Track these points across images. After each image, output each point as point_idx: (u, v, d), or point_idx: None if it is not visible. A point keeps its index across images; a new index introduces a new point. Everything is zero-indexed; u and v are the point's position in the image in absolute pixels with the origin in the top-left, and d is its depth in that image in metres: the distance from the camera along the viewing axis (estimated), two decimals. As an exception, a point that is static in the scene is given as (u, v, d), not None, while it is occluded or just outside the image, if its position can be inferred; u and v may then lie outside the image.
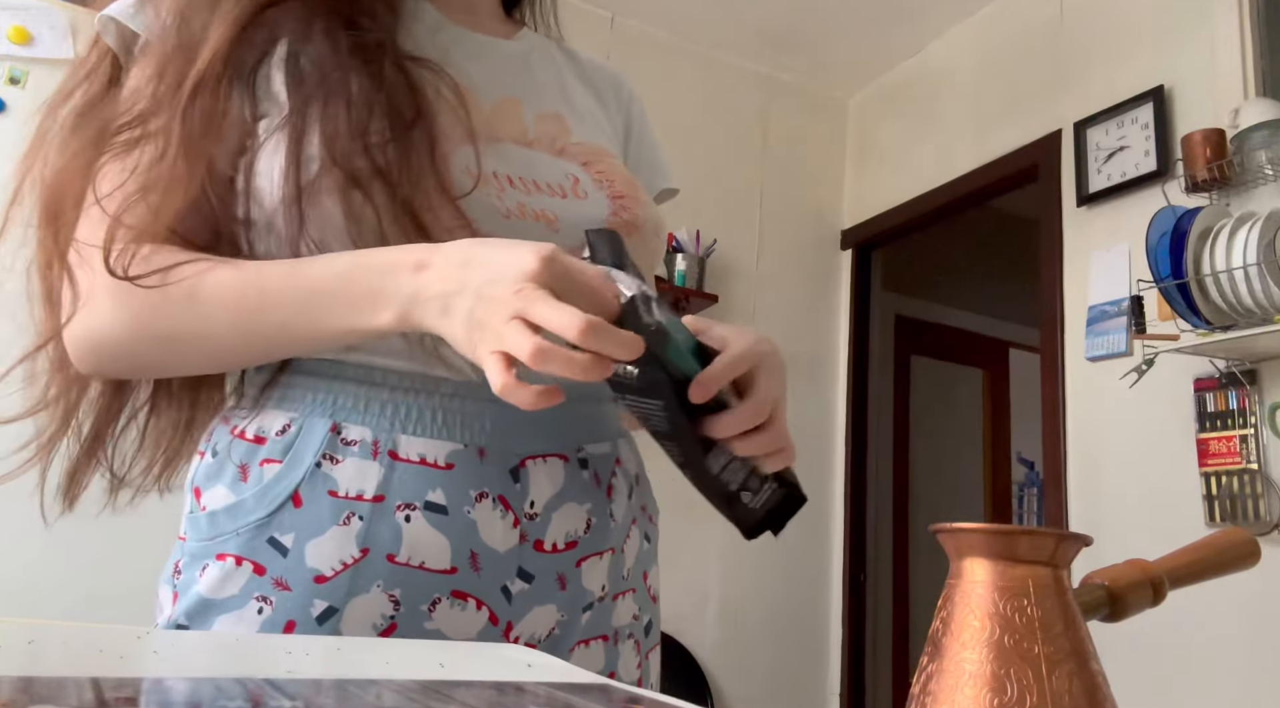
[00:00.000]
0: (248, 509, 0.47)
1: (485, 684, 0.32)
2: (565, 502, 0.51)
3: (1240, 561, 0.41)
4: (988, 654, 0.31)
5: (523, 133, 0.55)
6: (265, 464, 0.48)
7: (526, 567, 0.49)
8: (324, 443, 0.47)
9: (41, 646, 0.31)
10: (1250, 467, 1.56)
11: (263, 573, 0.46)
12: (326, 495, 0.46)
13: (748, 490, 0.48)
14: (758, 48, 2.67)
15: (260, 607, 0.45)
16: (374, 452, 0.47)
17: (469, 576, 0.47)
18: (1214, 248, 1.53)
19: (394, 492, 0.47)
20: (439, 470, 0.48)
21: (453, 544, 0.47)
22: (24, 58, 1.49)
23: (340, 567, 0.46)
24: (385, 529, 0.46)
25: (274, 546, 0.46)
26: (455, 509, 0.47)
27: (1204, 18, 1.81)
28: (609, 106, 0.67)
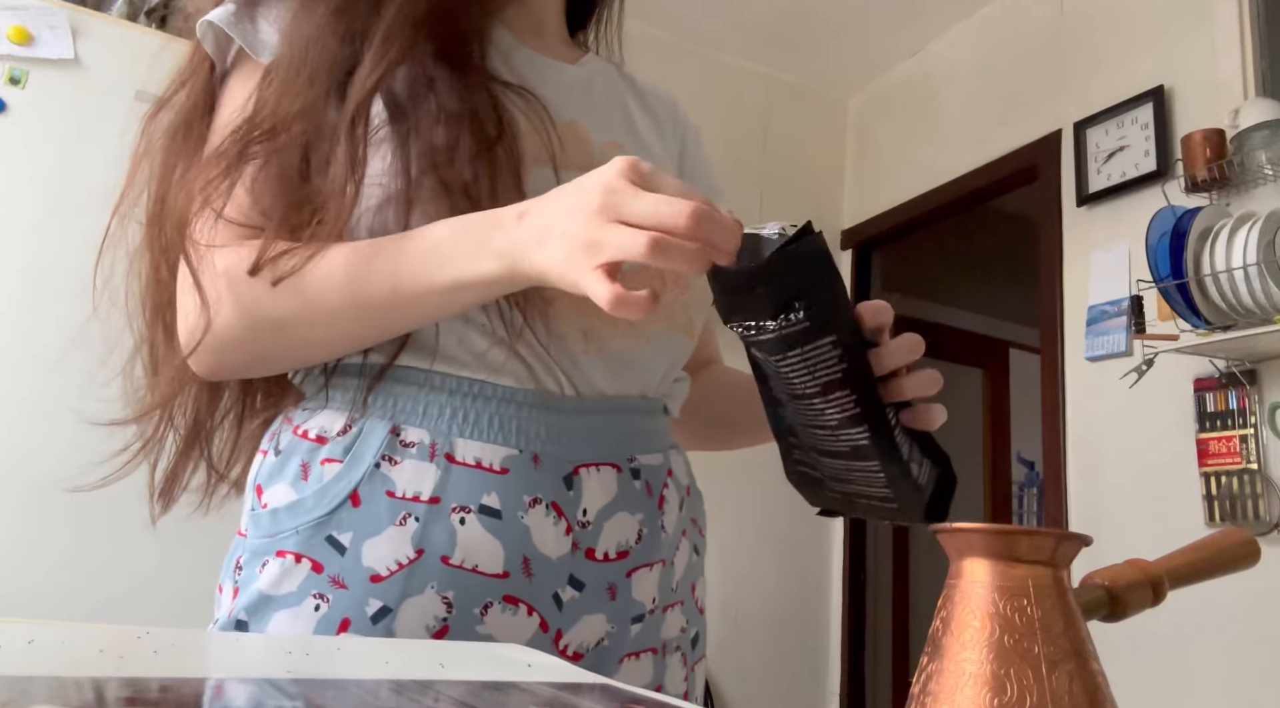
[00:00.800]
0: (308, 507, 0.47)
1: (486, 684, 0.32)
2: (617, 511, 0.51)
3: (1240, 561, 0.41)
4: (988, 654, 0.31)
5: (589, 159, 0.56)
6: (326, 463, 0.48)
7: (578, 575, 0.50)
8: (383, 444, 0.48)
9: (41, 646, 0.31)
10: (1250, 467, 1.56)
11: (321, 571, 0.46)
12: (384, 496, 0.47)
13: (914, 462, 0.44)
14: (758, 48, 2.67)
15: (317, 604, 0.46)
16: (431, 454, 0.48)
17: (521, 581, 0.48)
18: (1214, 248, 1.53)
19: (450, 494, 0.47)
20: (494, 475, 0.48)
21: (506, 549, 0.47)
22: (24, 58, 1.49)
23: (396, 567, 0.46)
24: (440, 531, 0.47)
25: (332, 544, 0.46)
26: (509, 514, 0.48)
27: (1204, 18, 1.81)
28: (665, 133, 0.68)
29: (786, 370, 0.41)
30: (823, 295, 0.39)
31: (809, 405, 0.42)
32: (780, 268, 0.38)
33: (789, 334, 0.39)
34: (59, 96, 1.51)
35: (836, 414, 0.42)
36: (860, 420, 0.41)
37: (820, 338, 0.39)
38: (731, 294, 0.40)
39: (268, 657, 0.34)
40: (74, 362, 1.45)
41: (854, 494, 0.45)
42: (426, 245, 0.45)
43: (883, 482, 0.43)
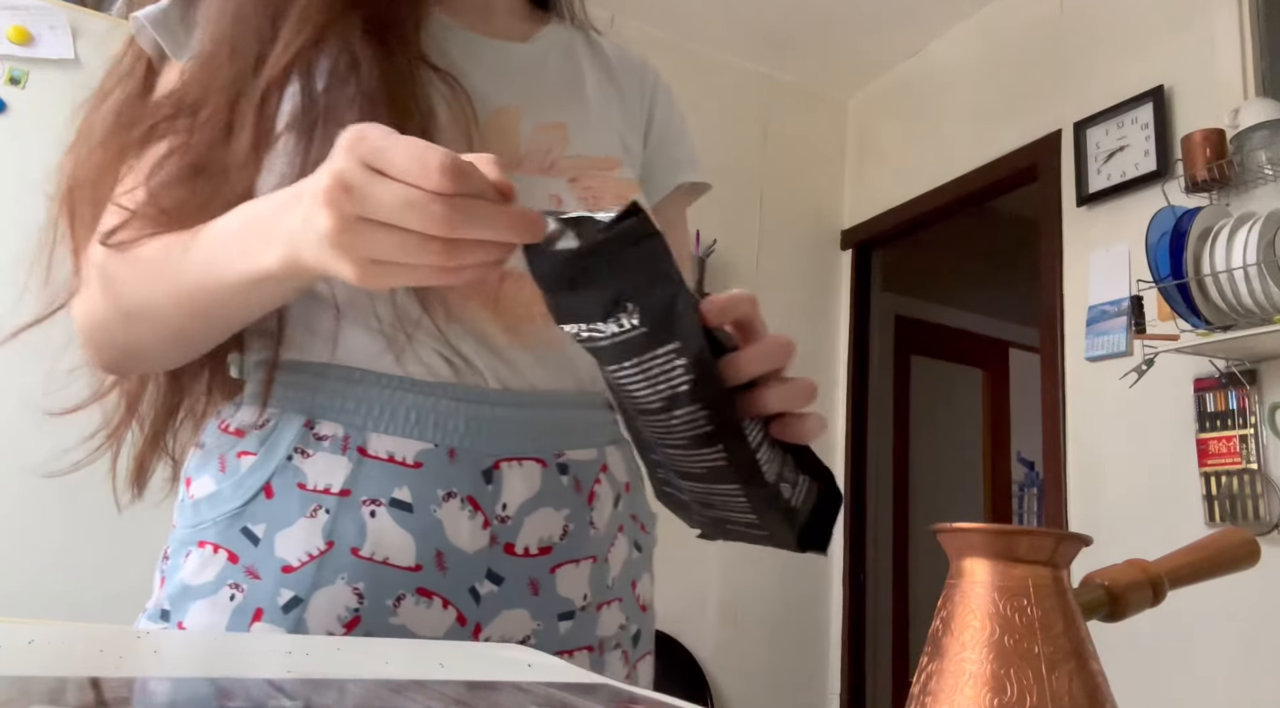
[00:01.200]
0: (225, 498, 0.48)
1: (485, 684, 0.32)
2: (540, 506, 0.51)
3: (1240, 561, 0.41)
4: (988, 654, 0.31)
5: (514, 151, 0.55)
6: (242, 456, 0.49)
7: (496, 569, 0.49)
8: (296, 437, 0.48)
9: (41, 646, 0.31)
10: (1250, 467, 1.56)
11: (236, 561, 0.47)
12: (296, 488, 0.47)
13: (785, 482, 0.38)
14: (758, 48, 2.67)
15: (232, 594, 0.46)
16: (344, 447, 0.48)
17: (434, 574, 0.48)
18: (1214, 248, 1.53)
19: (360, 487, 0.47)
20: (407, 468, 0.48)
21: (418, 542, 0.47)
22: (24, 58, 1.49)
23: (306, 558, 0.46)
24: (350, 523, 0.47)
25: (247, 535, 0.47)
26: (421, 507, 0.48)
27: (1204, 18, 1.81)
28: (630, 98, 0.65)
29: (625, 382, 0.35)
30: (657, 293, 0.33)
31: (656, 422, 0.36)
32: (602, 258, 0.32)
33: (624, 341, 0.34)
34: (59, 96, 1.51)
35: (686, 432, 0.35)
36: (713, 439, 0.35)
37: (659, 345, 0.33)
38: (553, 289, 0.34)
39: (268, 657, 0.34)
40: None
41: (720, 519, 0.40)
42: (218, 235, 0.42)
43: (746, 506, 0.37)
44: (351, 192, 0.33)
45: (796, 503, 0.38)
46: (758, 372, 0.37)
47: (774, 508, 0.37)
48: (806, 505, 0.39)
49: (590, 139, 0.58)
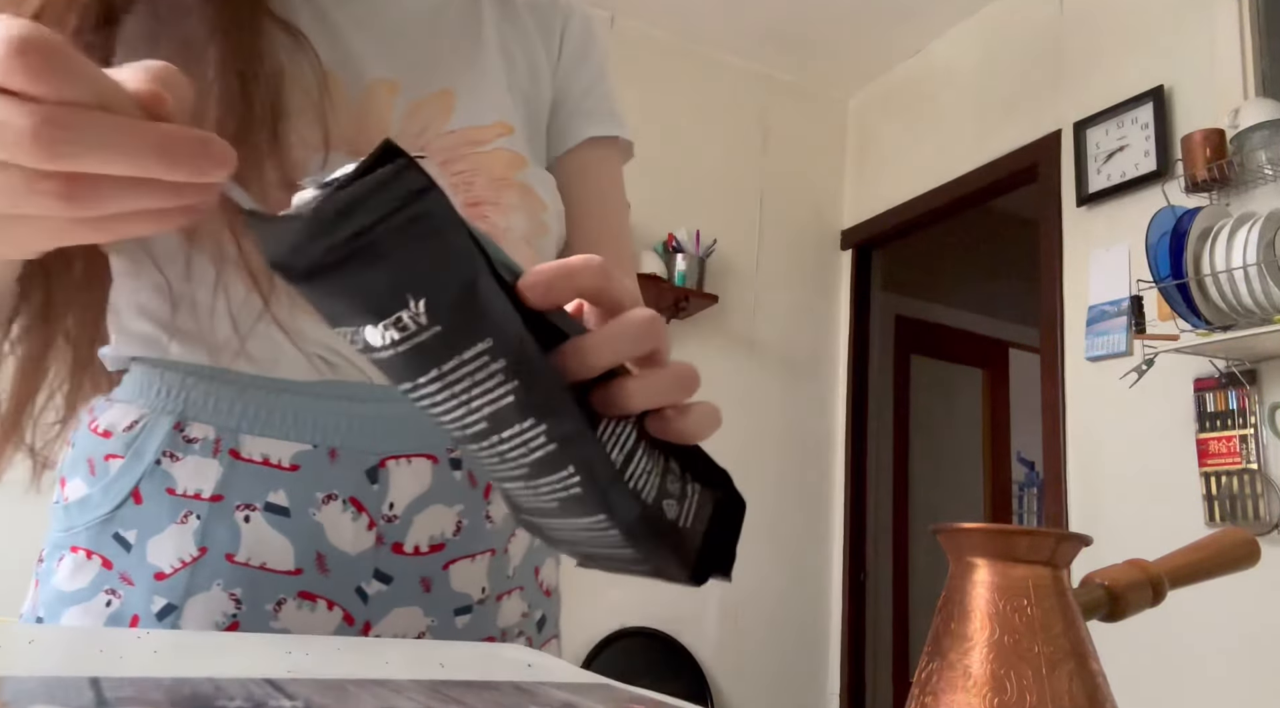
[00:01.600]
0: (95, 503, 0.47)
1: (485, 684, 0.32)
2: (431, 504, 0.49)
3: (1240, 561, 0.41)
4: (988, 654, 0.31)
5: (382, 131, 0.49)
6: (110, 459, 0.47)
7: (384, 569, 0.48)
8: (165, 440, 0.46)
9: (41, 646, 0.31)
10: (1250, 467, 1.57)
11: (110, 567, 0.46)
12: (165, 493, 0.46)
13: (669, 498, 0.29)
14: (758, 48, 2.67)
15: (109, 599, 0.45)
16: (215, 450, 0.46)
17: (316, 577, 0.46)
18: (1214, 248, 1.53)
19: (233, 492, 0.46)
20: (282, 471, 0.46)
21: (296, 546, 0.46)
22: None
23: (179, 565, 0.45)
24: (223, 529, 0.45)
25: (118, 541, 0.46)
26: (299, 511, 0.46)
27: (1204, 18, 1.81)
28: (535, 41, 0.58)
29: (428, 403, 0.25)
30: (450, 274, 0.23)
31: (481, 450, 0.26)
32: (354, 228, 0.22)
33: (413, 348, 0.24)
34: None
35: (523, 458, 0.26)
36: (560, 462, 0.26)
37: (464, 347, 0.24)
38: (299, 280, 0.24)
39: (268, 657, 0.34)
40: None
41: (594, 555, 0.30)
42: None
43: (618, 540, 0.28)
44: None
45: (686, 522, 0.30)
46: (611, 360, 0.26)
47: (656, 535, 0.28)
48: (699, 523, 0.30)
49: (480, 104, 0.53)
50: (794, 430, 2.60)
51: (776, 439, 2.57)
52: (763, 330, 2.61)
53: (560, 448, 0.26)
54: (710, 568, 0.31)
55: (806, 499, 2.59)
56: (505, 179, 0.52)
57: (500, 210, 0.51)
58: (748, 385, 2.55)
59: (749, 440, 2.50)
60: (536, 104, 0.58)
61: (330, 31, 0.49)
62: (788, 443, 2.59)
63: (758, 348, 2.60)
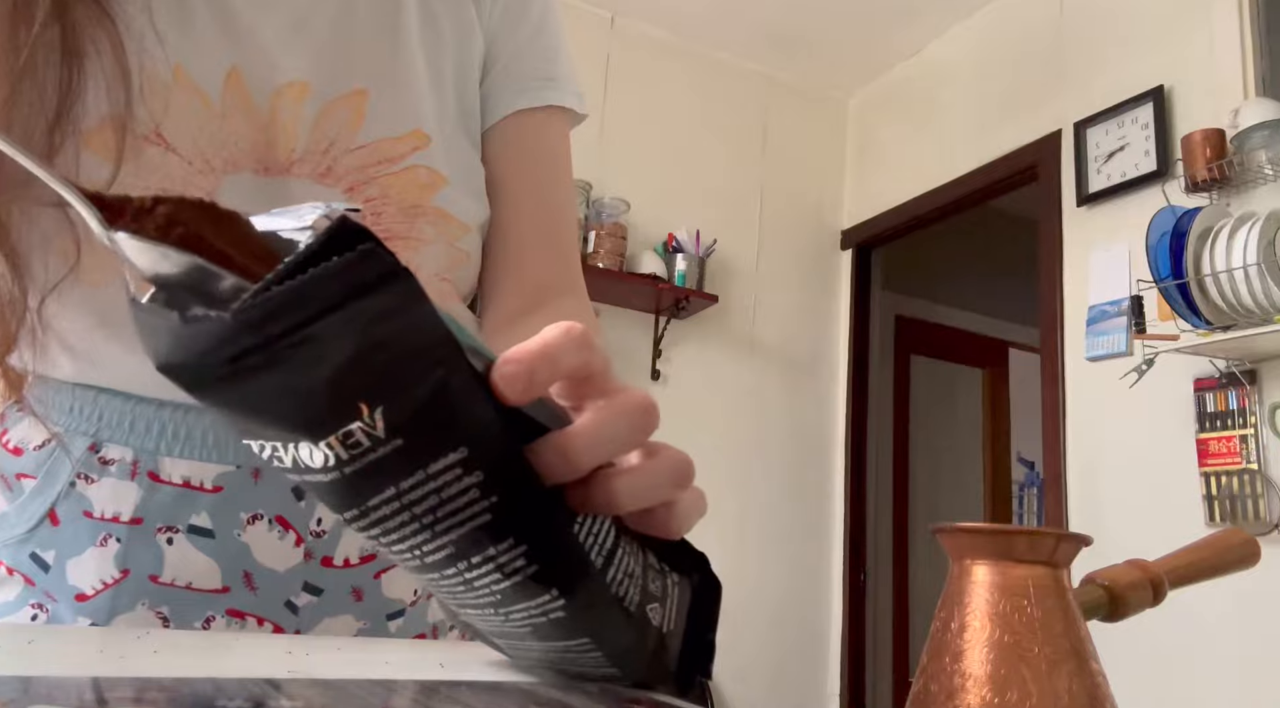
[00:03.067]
0: (11, 522, 0.45)
1: (486, 685, 0.32)
2: None
3: (1240, 561, 0.41)
4: (988, 654, 0.31)
5: (287, 151, 0.44)
6: (22, 478, 0.45)
7: (314, 582, 0.47)
8: (79, 462, 0.44)
9: (41, 646, 0.31)
10: (1250, 467, 1.57)
11: (33, 584, 0.44)
12: (83, 516, 0.44)
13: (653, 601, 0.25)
14: (758, 48, 2.67)
15: (35, 613, 0.44)
16: (133, 473, 0.44)
17: (244, 594, 0.45)
18: (1214, 248, 1.53)
19: (153, 515, 0.44)
20: (205, 493, 0.45)
21: (223, 567, 0.45)
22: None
23: (101, 586, 0.44)
24: (145, 552, 0.44)
25: (36, 561, 0.44)
26: (224, 533, 0.45)
27: (1204, 17, 1.81)
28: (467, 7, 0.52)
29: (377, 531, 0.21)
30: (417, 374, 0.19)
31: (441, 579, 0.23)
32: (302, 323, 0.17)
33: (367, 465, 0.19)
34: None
35: (496, 585, 0.22)
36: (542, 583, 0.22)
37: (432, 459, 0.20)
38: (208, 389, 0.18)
39: (268, 657, 0.34)
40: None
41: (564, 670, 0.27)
42: None
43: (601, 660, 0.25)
44: None
45: (670, 626, 0.26)
46: (603, 459, 0.23)
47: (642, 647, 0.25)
48: (680, 620, 0.27)
49: (396, 106, 0.47)
50: (794, 431, 2.60)
51: (777, 440, 2.57)
52: (763, 331, 2.61)
53: (544, 568, 0.22)
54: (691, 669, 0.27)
55: (806, 499, 2.59)
56: (419, 206, 0.47)
57: (412, 245, 0.47)
58: (748, 386, 2.55)
59: (749, 441, 2.50)
60: (465, 73, 0.51)
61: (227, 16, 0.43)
62: (788, 443, 2.59)
63: (758, 348, 2.60)
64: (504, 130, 0.54)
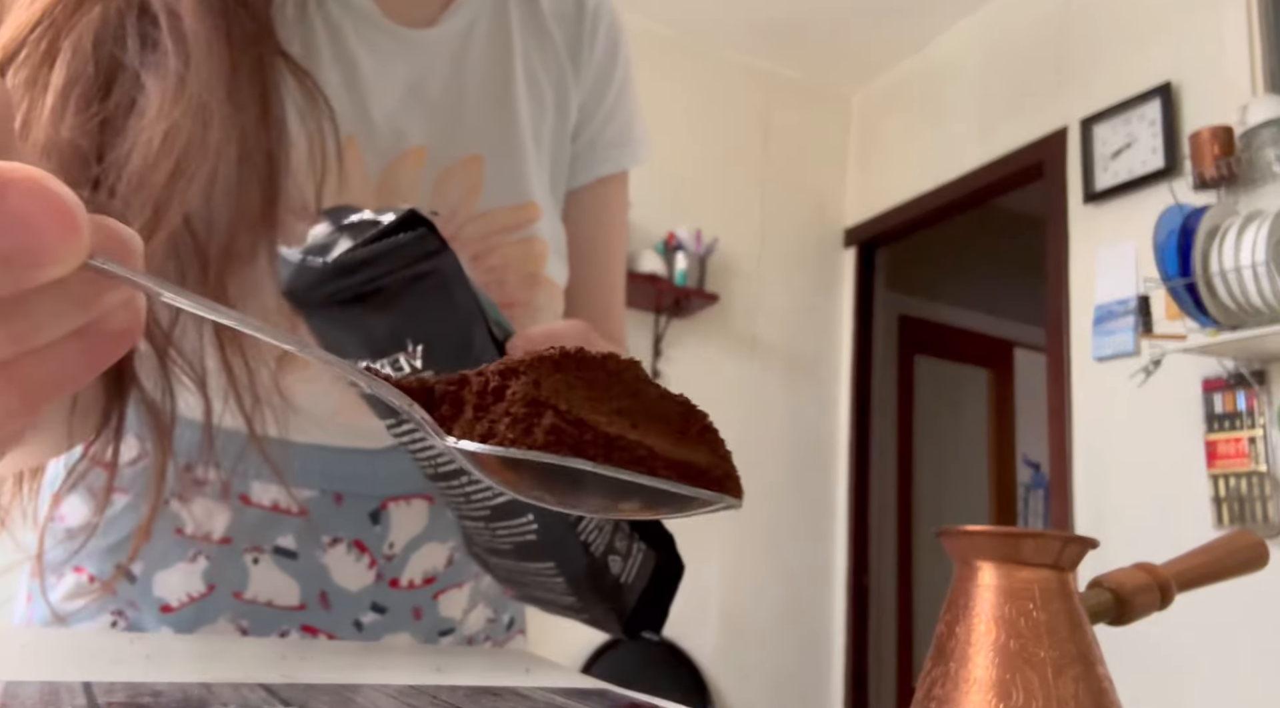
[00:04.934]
0: (101, 532, 0.46)
1: (483, 689, 0.32)
2: (427, 541, 0.51)
3: (1249, 564, 0.40)
4: (993, 659, 0.31)
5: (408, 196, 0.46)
6: (116, 493, 0.46)
7: (380, 602, 0.50)
8: (174, 481, 0.45)
9: (34, 650, 0.31)
10: (1259, 469, 1.55)
11: (114, 593, 0.46)
12: (174, 532, 0.46)
13: (615, 554, 0.32)
14: (760, 44, 2.66)
15: (115, 620, 0.46)
16: (224, 493, 0.46)
17: (319, 612, 0.48)
18: (1222, 246, 1.52)
19: (242, 536, 0.46)
20: (291, 517, 0.47)
21: (302, 586, 0.47)
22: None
23: (186, 600, 0.46)
24: (232, 569, 0.46)
25: (123, 571, 0.46)
26: (306, 554, 0.47)
27: (1212, 14, 1.80)
28: (565, 72, 0.54)
29: (407, 440, 0.28)
30: (447, 326, 0.26)
31: (450, 487, 0.30)
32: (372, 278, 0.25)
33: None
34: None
35: (486, 501, 0.29)
36: (522, 509, 0.29)
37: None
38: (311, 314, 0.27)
39: (263, 661, 0.34)
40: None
41: (538, 598, 0.35)
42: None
43: (563, 587, 0.32)
44: None
45: (627, 579, 0.32)
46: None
47: (598, 587, 0.30)
48: (640, 580, 0.32)
49: (509, 173, 0.49)
50: (796, 431, 2.59)
51: (778, 440, 2.56)
52: (764, 330, 2.60)
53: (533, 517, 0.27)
54: (643, 623, 0.33)
55: (809, 501, 2.59)
56: (535, 275, 0.50)
57: (529, 312, 0.50)
58: (749, 386, 2.54)
59: (750, 442, 2.50)
60: (560, 141, 0.55)
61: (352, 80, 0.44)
62: (790, 444, 2.58)
63: (759, 348, 2.59)
64: (582, 197, 0.57)
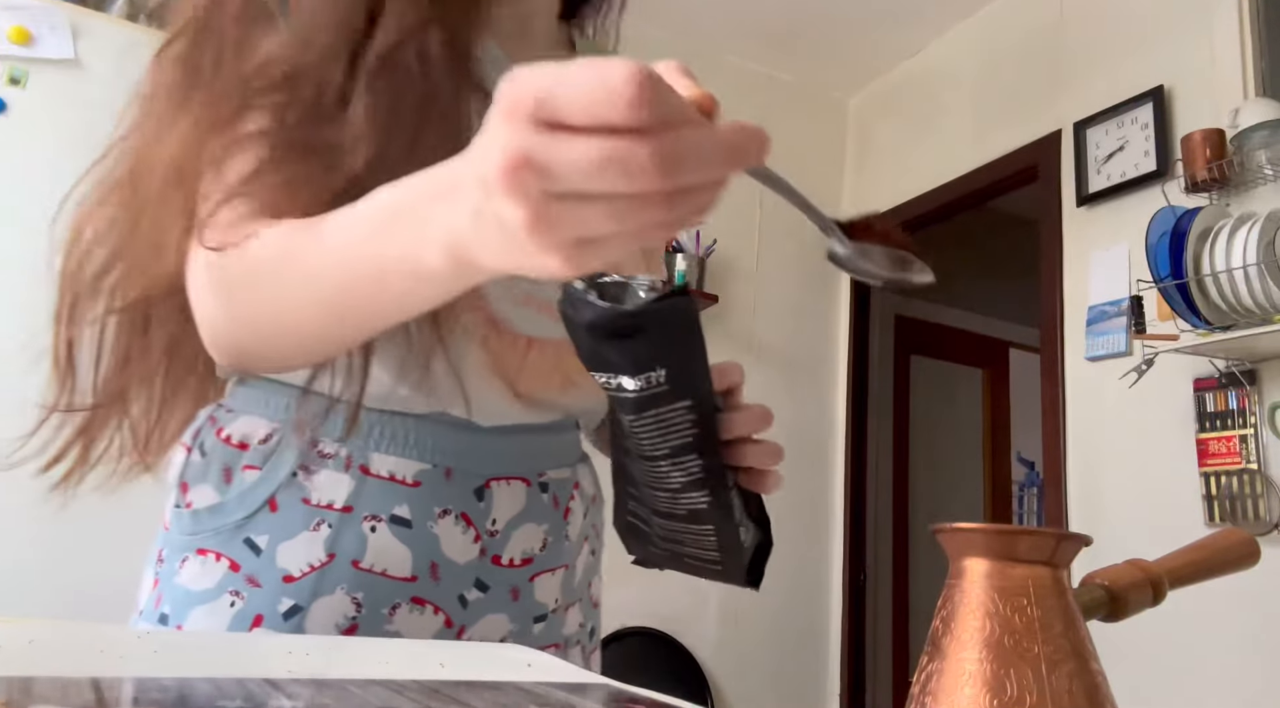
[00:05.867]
0: (229, 510, 0.49)
1: (485, 684, 0.32)
2: (525, 522, 0.54)
3: (1240, 561, 0.41)
4: (988, 654, 0.31)
5: None
6: (247, 470, 0.50)
7: (483, 578, 0.52)
8: (301, 454, 0.49)
9: (41, 646, 0.31)
10: (1250, 467, 1.56)
11: (237, 570, 0.48)
12: (300, 503, 0.49)
13: (743, 526, 0.44)
14: (757, 47, 2.67)
15: (233, 600, 0.48)
16: (346, 465, 0.49)
17: (428, 584, 0.50)
18: (1214, 248, 1.53)
19: (362, 504, 0.49)
20: (406, 487, 0.50)
21: (415, 555, 0.50)
22: (24, 58, 1.49)
23: (308, 569, 0.48)
24: (352, 537, 0.49)
25: (249, 545, 0.49)
26: (419, 524, 0.50)
27: (1204, 18, 1.81)
28: None
29: (640, 430, 0.40)
30: (685, 360, 0.38)
31: (654, 467, 0.42)
32: (645, 324, 0.36)
33: (647, 396, 0.38)
34: (59, 96, 1.51)
35: (680, 478, 0.41)
36: (703, 485, 0.41)
37: (676, 402, 0.39)
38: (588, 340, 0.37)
39: (268, 657, 0.34)
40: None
41: (683, 554, 0.46)
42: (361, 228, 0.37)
43: (714, 545, 0.44)
44: (534, 166, 0.25)
45: (748, 544, 0.45)
46: (747, 432, 0.44)
47: (735, 548, 0.43)
48: (751, 548, 0.45)
49: None
50: (794, 431, 2.60)
51: (777, 439, 2.55)
52: (763, 331, 2.61)
53: (706, 477, 0.41)
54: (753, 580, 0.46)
55: (806, 499, 2.59)
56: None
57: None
58: (748, 385, 2.53)
59: (749, 440, 2.50)
60: None
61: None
62: (787, 443, 2.55)
63: (758, 348, 2.60)
64: None
